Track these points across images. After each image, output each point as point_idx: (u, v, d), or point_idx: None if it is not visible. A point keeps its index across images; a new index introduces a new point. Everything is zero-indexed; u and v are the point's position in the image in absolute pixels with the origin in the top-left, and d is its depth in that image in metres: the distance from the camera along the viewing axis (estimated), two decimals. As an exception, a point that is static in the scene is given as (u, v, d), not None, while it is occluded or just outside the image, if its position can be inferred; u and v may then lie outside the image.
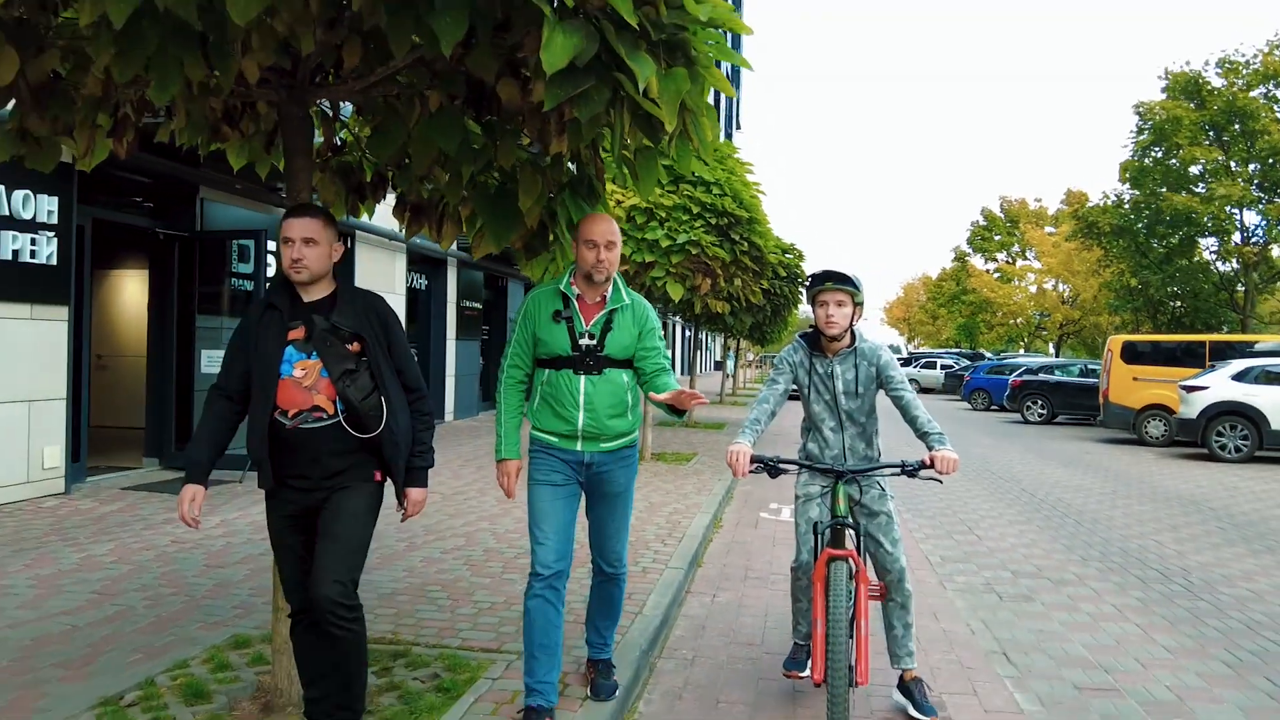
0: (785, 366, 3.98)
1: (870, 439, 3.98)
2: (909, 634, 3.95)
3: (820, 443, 3.97)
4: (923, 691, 3.89)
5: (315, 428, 3.04)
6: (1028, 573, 6.64)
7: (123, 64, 2.90)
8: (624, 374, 3.58)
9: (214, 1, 2.72)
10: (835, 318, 3.76)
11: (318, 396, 3.05)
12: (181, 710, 3.47)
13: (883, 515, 3.88)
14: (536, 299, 3.62)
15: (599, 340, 3.52)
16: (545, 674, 3.39)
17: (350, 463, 3.09)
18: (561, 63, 2.63)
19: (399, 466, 3.17)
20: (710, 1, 3.08)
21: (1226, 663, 4.75)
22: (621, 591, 3.86)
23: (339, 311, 3.13)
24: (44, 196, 7.41)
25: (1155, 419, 17.21)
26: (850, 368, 3.87)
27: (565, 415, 3.52)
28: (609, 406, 3.53)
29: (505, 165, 3.85)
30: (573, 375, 3.51)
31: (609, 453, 3.60)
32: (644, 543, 6.70)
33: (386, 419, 3.08)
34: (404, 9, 2.66)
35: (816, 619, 3.42)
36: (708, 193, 10.71)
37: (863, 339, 3.91)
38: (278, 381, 3.04)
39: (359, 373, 3.07)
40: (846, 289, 3.75)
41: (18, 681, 3.73)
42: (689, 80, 3.03)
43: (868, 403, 3.92)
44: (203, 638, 4.32)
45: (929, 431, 3.67)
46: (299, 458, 3.06)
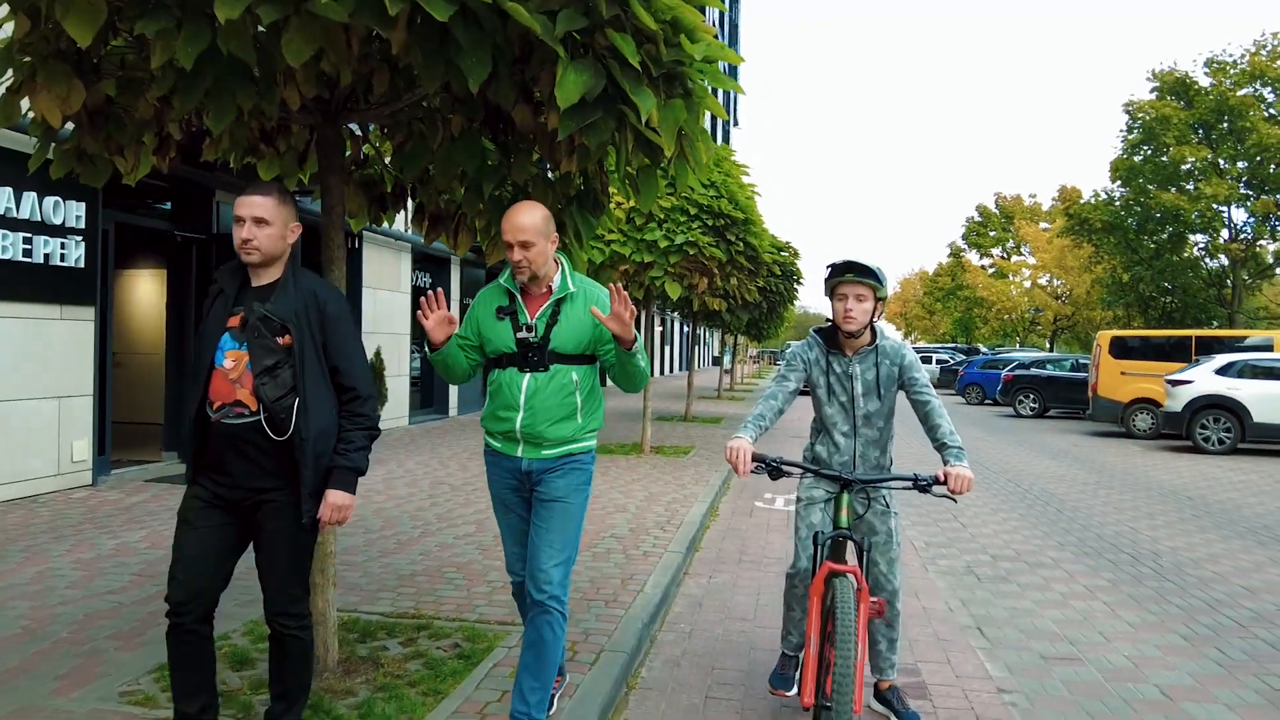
0: (799, 363, 3.73)
1: (884, 447, 3.73)
2: (893, 648, 3.80)
3: (830, 447, 3.72)
4: (900, 698, 3.77)
5: (235, 424, 2.88)
6: (1007, 556, 7.04)
7: (184, 96, 3.27)
8: (574, 371, 3.30)
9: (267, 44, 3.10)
10: (854, 313, 3.52)
11: (240, 391, 2.89)
12: (230, 675, 3.85)
13: (883, 533, 3.67)
14: (483, 296, 3.46)
15: (543, 334, 3.28)
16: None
17: (275, 467, 2.91)
18: (574, 98, 3.01)
19: (306, 474, 2.89)
20: (705, 40, 3.46)
21: (1184, 636, 5.14)
22: (556, 634, 3.21)
23: (276, 300, 2.95)
24: (72, 203, 7.79)
25: (1142, 412, 17.62)
26: (870, 367, 3.63)
27: (505, 416, 3.30)
28: (553, 408, 3.26)
29: (518, 180, 4.23)
30: (516, 373, 3.28)
31: (551, 460, 3.32)
32: (644, 529, 7.09)
33: (296, 422, 2.88)
34: (436, 52, 3.04)
35: (810, 636, 3.22)
36: (704, 195, 11.09)
37: (884, 336, 3.68)
38: (211, 370, 2.92)
39: (280, 370, 2.90)
40: (868, 282, 3.51)
41: (78, 650, 4.11)
42: (686, 110, 3.42)
43: (887, 406, 3.67)
44: (239, 613, 4.70)
45: (949, 444, 3.42)
46: (221, 453, 2.91)
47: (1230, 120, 25.69)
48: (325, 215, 3.94)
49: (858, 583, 3.19)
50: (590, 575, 5.67)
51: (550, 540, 3.25)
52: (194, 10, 2.97)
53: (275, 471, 2.92)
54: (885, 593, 3.66)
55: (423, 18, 2.91)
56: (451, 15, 2.78)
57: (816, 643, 3.21)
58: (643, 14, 3.10)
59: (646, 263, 10.92)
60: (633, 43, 3.10)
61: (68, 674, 3.83)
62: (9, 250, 7.26)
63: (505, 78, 3.36)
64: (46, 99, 3.48)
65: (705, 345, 60.46)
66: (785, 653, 3.91)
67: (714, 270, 11.16)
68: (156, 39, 3.01)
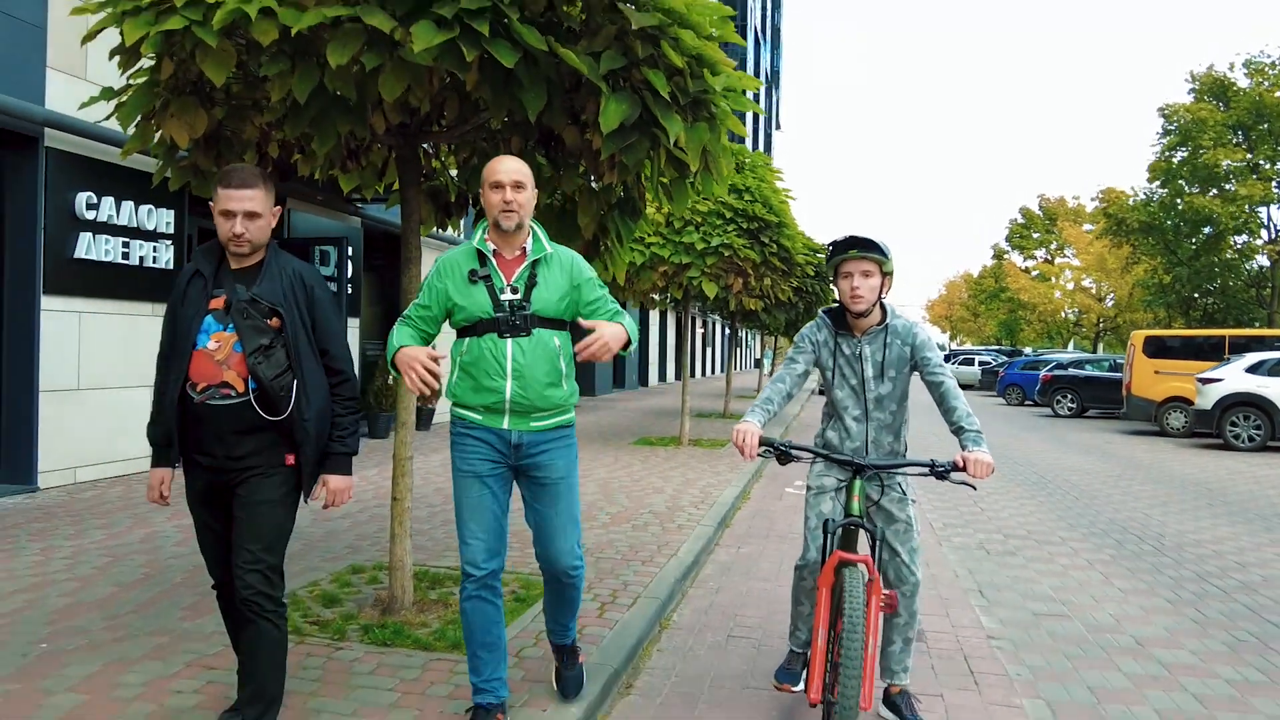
0: (807, 345, 3.59)
1: (898, 432, 3.56)
2: (908, 650, 3.59)
3: (841, 432, 3.57)
4: (910, 705, 3.57)
5: (222, 405, 2.87)
6: (1018, 535, 7.55)
7: (294, 123, 3.97)
8: (555, 336, 3.18)
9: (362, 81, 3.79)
10: (861, 290, 3.34)
11: (227, 372, 2.88)
12: (322, 610, 4.55)
13: (902, 521, 3.49)
14: (448, 261, 3.26)
15: (524, 296, 3.14)
16: (492, 672, 3.20)
17: (259, 445, 2.92)
18: (614, 124, 3.66)
19: (308, 453, 2.95)
20: (725, 72, 4.09)
21: (1168, 600, 5.65)
22: (579, 591, 3.41)
23: (262, 282, 2.95)
24: (162, 210, 8.62)
25: (1176, 411, 17.86)
26: (880, 348, 3.46)
27: (491, 386, 3.10)
28: (542, 373, 3.12)
29: (567, 190, 4.88)
30: (497, 339, 3.10)
31: (541, 432, 3.19)
32: (680, 507, 7.72)
33: (295, 401, 2.90)
34: (502, 87, 3.71)
35: (818, 629, 3.09)
36: (739, 199, 11.70)
37: (895, 315, 3.50)
38: (191, 352, 2.90)
39: (274, 350, 2.89)
40: (873, 257, 3.33)
41: (193, 591, 4.85)
42: (709, 131, 4.07)
43: (899, 388, 3.51)
44: (325, 567, 5.41)
45: (966, 428, 3.24)
46: (204, 433, 2.91)
47: (1269, 121, 25.73)
48: (405, 222, 4.63)
49: (869, 573, 3.08)
50: (630, 542, 6.32)
51: (565, 523, 3.26)
52: (306, 55, 3.68)
53: (256, 450, 2.92)
54: (907, 585, 3.47)
55: (492, 61, 3.58)
56: (516, 61, 3.45)
57: (825, 636, 3.09)
58: (671, 54, 3.75)
59: (684, 264, 11.56)
60: (663, 77, 3.75)
61: (190, 606, 4.56)
62: (110, 253, 8.09)
63: (557, 106, 4.01)
64: (176, 125, 4.19)
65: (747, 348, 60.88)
66: (793, 649, 3.77)
67: (749, 271, 11.76)
68: (276, 78, 3.71)
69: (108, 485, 7.96)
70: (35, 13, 7.47)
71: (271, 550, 2.92)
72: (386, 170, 5.26)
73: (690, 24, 3.87)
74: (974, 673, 4.27)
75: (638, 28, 3.68)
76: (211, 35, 3.48)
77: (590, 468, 10.19)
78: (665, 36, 3.77)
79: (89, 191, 7.88)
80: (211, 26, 3.47)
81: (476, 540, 3.15)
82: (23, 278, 7.52)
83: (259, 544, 2.89)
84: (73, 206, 7.76)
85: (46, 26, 7.57)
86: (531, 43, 3.46)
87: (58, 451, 7.77)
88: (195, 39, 3.56)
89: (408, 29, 3.40)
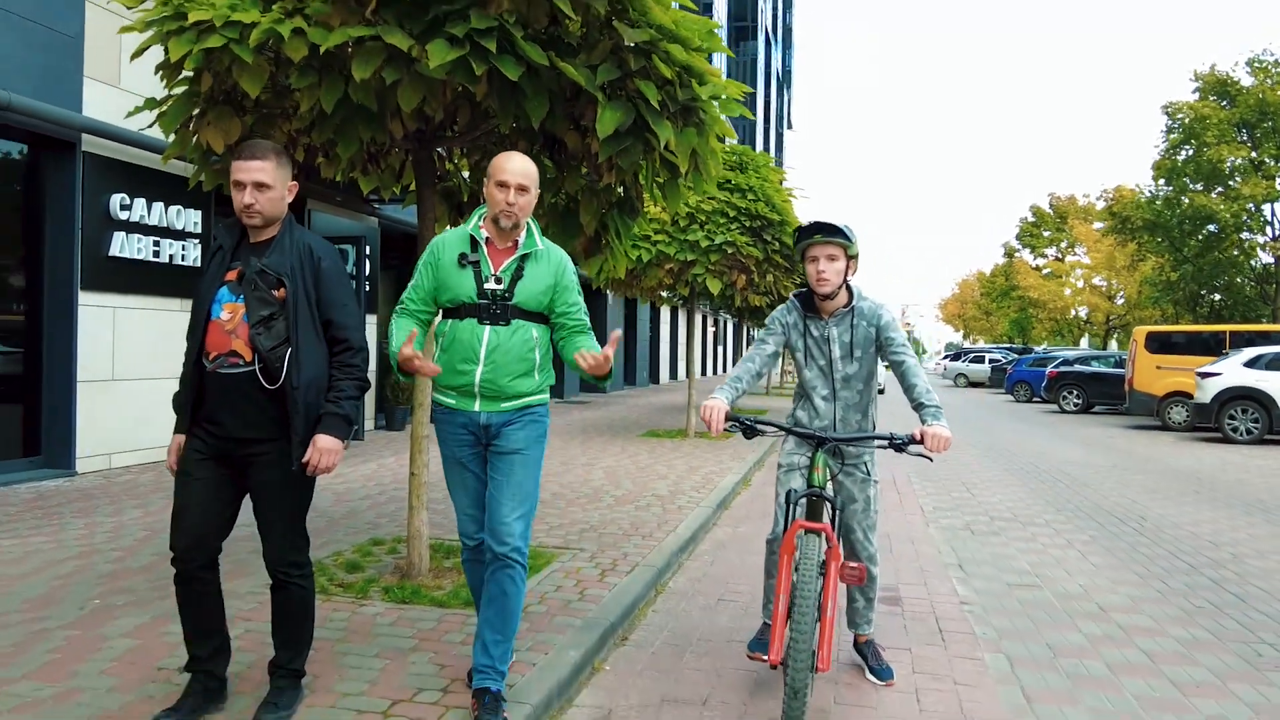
0: (777, 327, 3.73)
1: (865, 410, 3.73)
2: (870, 606, 3.89)
3: (810, 411, 3.73)
4: (876, 654, 3.90)
5: (230, 373, 2.96)
6: (1004, 518, 7.91)
7: (320, 130, 4.39)
8: (534, 328, 3.27)
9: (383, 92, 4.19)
10: (827, 273, 3.48)
11: (236, 341, 2.96)
12: (346, 575, 4.96)
13: (861, 500, 3.69)
14: (442, 242, 3.35)
15: (508, 287, 3.23)
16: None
17: (266, 416, 2.97)
18: (610, 131, 4.06)
19: (297, 422, 2.96)
20: (712, 81, 4.48)
21: (1137, 574, 6.00)
22: (518, 588, 3.20)
23: (272, 254, 3.03)
24: (190, 210, 9.07)
25: (1177, 405, 18.13)
26: (848, 329, 3.61)
27: (463, 369, 3.22)
28: (513, 362, 3.22)
29: (570, 190, 5.28)
30: (476, 325, 3.20)
31: (509, 412, 3.28)
32: (681, 491, 8.12)
33: (287, 370, 2.95)
34: (509, 97, 4.11)
35: (779, 594, 3.19)
36: (742, 198, 12.08)
37: (861, 297, 3.65)
38: (207, 323, 2.99)
39: (275, 321, 2.97)
40: (838, 240, 3.46)
41: (230, 559, 5.26)
42: (697, 135, 4.46)
43: (866, 368, 3.66)
44: (348, 540, 5.83)
45: (925, 404, 3.38)
46: (215, 402, 2.99)
47: (1273, 119, 25.92)
48: (421, 221, 5.04)
49: (829, 541, 3.21)
50: (632, 520, 6.73)
51: (511, 493, 3.21)
52: (332, 69, 4.09)
53: (265, 423, 2.97)
54: (860, 559, 3.69)
55: (500, 74, 3.98)
56: (521, 74, 3.85)
57: (785, 602, 3.18)
58: (662, 66, 4.14)
59: (689, 261, 11.95)
60: (654, 87, 4.15)
61: (230, 570, 4.98)
62: (142, 251, 8.55)
63: (559, 114, 4.42)
64: (213, 132, 4.61)
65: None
66: (765, 621, 3.93)
67: (751, 268, 12.14)
68: (304, 90, 4.13)
69: (140, 470, 8.42)
70: (73, 25, 7.93)
71: (294, 524, 3.09)
72: (404, 172, 5.67)
73: (679, 38, 4.27)
74: (943, 632, 4.65)
75: (631, 43, 4.08)
76: (248, 52, 3.90)
77: (598, 457, 10.60)
78: (656, 50, 4.17)
79: (122, 193, 8.34)
80: (248, 44, 3.89)
81: (466, 514, 3.39)
82: (62, 275, 7.98)
83: (283, 522, 3.05)
84: (107, 207, 8.22)
85: (83, 37, 8.03)
86: (534, 58, 3.87)
87: (94, 438, 8.23)
88: (233, 55, 3.98)
89: (423, 46, 3.82)
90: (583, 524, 6.58)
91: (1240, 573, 6.03)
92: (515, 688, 3.40)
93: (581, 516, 6.82)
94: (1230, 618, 5.00)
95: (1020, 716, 3.59)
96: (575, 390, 22.77)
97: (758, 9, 52.02)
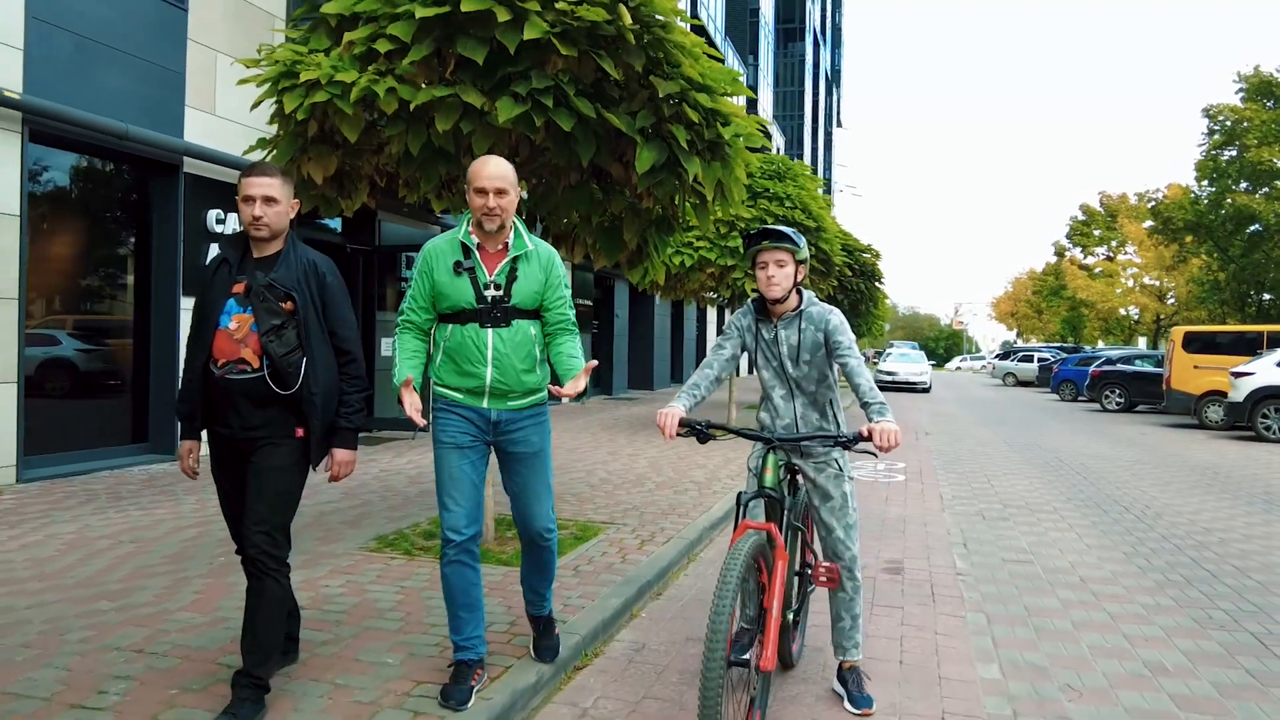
0: (733, 331, 3.79)
1: (824, 409, 3.75)
2: (856, 626, 3.77)
3: (771, 411, 3.78)
4: (858, 682, 3.75)
5: (238, 379, 3.12)
6: (1016, 505, 8.57)
7: (405, 167, 5.25)
8: (532, 325, 3.44)
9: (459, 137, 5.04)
10: (776, 279, 3.53)
11: (244, 350, 3.12)
12: (424, 541, 5.83)
13: (837, 498, 3.69)
14: (435, 249, 3.44)
15: (505, 290, 3.36)
16: (471, 630, 3.45)
17: (271, 417, 3.16)
18: (647, 167, 4.87)
19: (315, 425, 3.18)
20: (736, 123, 5.27)
21: (1124, 553, 6.65)
22: (554, 555, 3.70)
23: (279, 269, 3.18)
24: (276, 223, 10.06)
25: (1214, 404, 18.43)
26: (795, 332, 3.64)
27: (472, 371, 3.36)
28: (519, 361, 3.39)
29: (615, 211, 6.09)
30: (479, 329, 3.34)
31: (518, 410, 3.46)
32: (717, 478, 8.91)
33: (304, 376, 3.14)
34: (563, 141, 4.93)
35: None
36: (780, 206, 12.81)
37: (811, 302, 3.68)
38: (215, 331, 3.15)
39: (285, 330, 3.13)
40: (785, 246, 3.53)
41: (323, 526, 6.17)
42: (722, 169, 5.25)
43: (816, 370, 3.68)
44: (424, 514, 6.71)
45: (870, 401, 3.38)
46: (223, 406, 3.17)
47: (1317, 119, 25.96)
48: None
49: (773, 539, 3.19)
50: (670, 502, 7.53)
51: (539, 490, 3.55)
52: (417, 120, 4.94)
53: (268, 422, 3.18)
54: (844, 560, 3.69)
55: (555, 124, 4.80)
56: (573, 124, 4.67)
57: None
58: (691, 112, 4.94)
59: (730, 265, 12.72)
60: (684, 130, 4.95)
61: (323, 534, 5.89)
62: (234, 261, 9.54)
63: (604, 151, 5.23)
64: (314, 166, 5.50)
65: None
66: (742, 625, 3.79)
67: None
68: (395, 136, 4.99)
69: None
70: (177, 61, 8.94)
71: (277, 512, 3.16)
72: (471, 196, 6.52)
73: (706, 88, 5.07)
74: (935, 595, 5.38)
75: (664, 94, 4.88)
76: (348, 105, 4.77)
77: (643, 449, 11.42)
78: (686, 99, 4.97)
79: (217, 209, 9.34)
80: (348, 99, 4.76)
81: (458, 507, 3.37)
82: (166, 281, 9.01)
83: (265, 506, 3.13)
84: (204, 221, 9.22)
85: (185, 72, 9.04)
86: (584, 111, 4.69)
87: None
88: (336, 108, 4.86)
89: (493, 103, 4.66)
90: (627, 504, 7.40)
91: (1221, 554, 6.65)
92: (567, 624, 4.23)
93: (626, 498, 7.65)
94: (1196, 589, 5.65)
95: (985, 658, 4.33)
96: (623, 388, 23.64)
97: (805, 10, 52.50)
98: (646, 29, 4.91)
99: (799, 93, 53.15)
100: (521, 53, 4.68)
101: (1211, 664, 4.31)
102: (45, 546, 5.46)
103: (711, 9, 31.56)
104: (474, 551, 3.41)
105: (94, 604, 4.36)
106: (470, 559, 3.40)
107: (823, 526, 3.72)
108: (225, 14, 9.50)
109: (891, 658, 4.29)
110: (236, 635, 3.92)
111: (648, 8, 4.87)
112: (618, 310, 22.87)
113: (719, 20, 33.14)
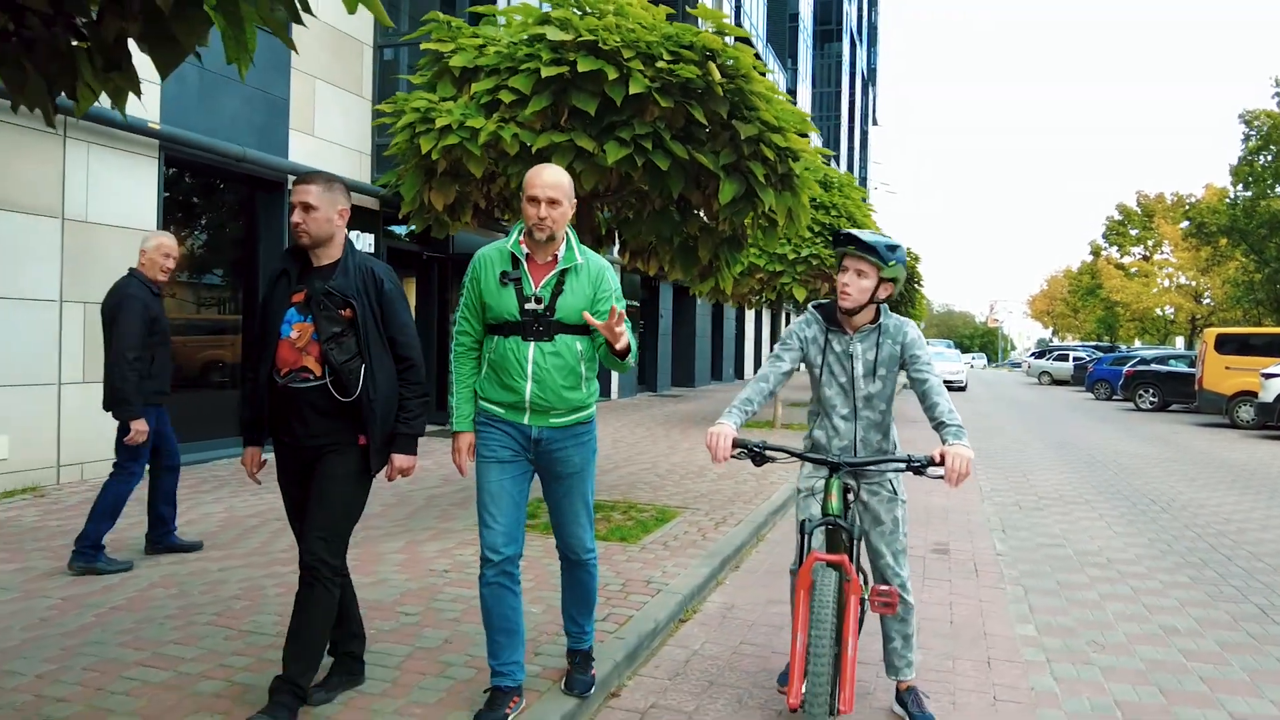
0: (795, 342, 3.51)
1: (887, 431, 3.53)
2: (908, 645, 3.62)
3: (829, 431, 3.51)
4: (918, 701, 3.64)
5: (301, 387, 3.15)
6: (1051, 497, 9.28)
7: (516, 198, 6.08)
8: (579, 341, 3.27)
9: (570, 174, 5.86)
10: (850, 288, 3.31)
11: (306, 358, 3.14)
12: (525, 523, 6.67)
13: (888, 522, 3.49)
14: (484, 259, 3.32)
15: (549, 304, 3.21)
16: (509, 656, 3.32)
17: (335, 425, 3.18)
18: (729, 199, 5.69)
19: (375, 431, 3.19)
20: (804, 158, 6.06)
21: (1149, 539, 7.36)
22: (593, 579, 3.52)
23: (337, 278, 3.20)
24: (366, 235, 10.99)
25: (1245, 405, 18.91)
26: (872, 346, 3.41)
27: (512, 385, 3.23)
28: (560, 377, 3.23)
29: (691, 231, 6.90)
30: (521, 342, 3.21)
31: (560, 429, 3.30)
32: (772, 469, 9.70)
33: (364, 383, 3.15)
34: (657, 177, 5.74)
35: (796, 632, 3.04)
36: (826, 214, 13.56)
37: (888, 314, 3.47)
38: (277, 341, 3.18)
39: (345, 337, 3.14)
40: (869, 259, 3.28)
41: (435, 509, 7.04)
42: (792, 198, 6.05)
43: (889, 388, 3.47)
44: (515, 500, 7.56)
45: (946, 423, 3.19)
46: (287, 414, 3.19)
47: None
48: (581, 256, 6.74)
49: (846, 574, 3.06)
50: (733, 491, 8.34)
51: (578, 510, 3.42)
52: (535, 160, 5.78)
53: (333, 430, 3.19)
54: (894, 584, 3.50)
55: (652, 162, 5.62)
56: (669, 164, 5.49)
57: (804, 640, 3.00)
58: (767, 150, 5.74)
59: (777, 271, 13.50)
60: (761, 166, 5.75)
61: (438, 516, 6.75)
62: (329, 269, 10.45)
63: (690, 183, 6.04)
64: (437, 195, 6.36)
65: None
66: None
67: (834, 276, 13.64)
68: (515, 174, 5.83)
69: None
70: (282, 88, 9.87)
71: (338, 520, 3.17)
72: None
73: (780, 128, 5.86)
74: (978, 572, 6.14)
75: (745, 136, 5.68)
76: (476, 147, 5.62)
77: (696, 443, 12.22)
78: (764, 140, 5.77)
79: (315, 222, 10.24)
80: (476, 142, 5.61)
81: (497, 525, 3.24)
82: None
83: (327, 514, 3.15)
84: (303, 234, 10.13)
85: (290, 98, 9.96)
86: (677, 153, 5.50)
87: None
88: (465, 149, 5.71)
89: (601, 146, 5.48)
90: (695, 492, 8.22)
91: (1237, 541, 7.34)
92: (669, 586, 5.04)
93: (694, 487, 8.48)
94: (1211, 570, 6.36)
95: (1023, 620, 5.09)
96: (667, 385, 24.46)
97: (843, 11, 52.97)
98: (730, 80, 5.71)
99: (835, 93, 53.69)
100: (625, 103, 5.50)
101: (1218, 628, 5.04)
102: (204, 524, 6.36)
103: (754, 17, 32.27)
104: (513, 574, 3.28)
105: (271, 568, 5.24)
106: (510, 581, 3.27)
107: (872, 551, 3.53)
108: (323, 44, 10.41)
109: (943, 619, 5.06)
110: (405, 592, 4.79)
111: (733, 65, 5.67)
112: (662, 310, 23.72)
113: (760, 28, 33.82)
